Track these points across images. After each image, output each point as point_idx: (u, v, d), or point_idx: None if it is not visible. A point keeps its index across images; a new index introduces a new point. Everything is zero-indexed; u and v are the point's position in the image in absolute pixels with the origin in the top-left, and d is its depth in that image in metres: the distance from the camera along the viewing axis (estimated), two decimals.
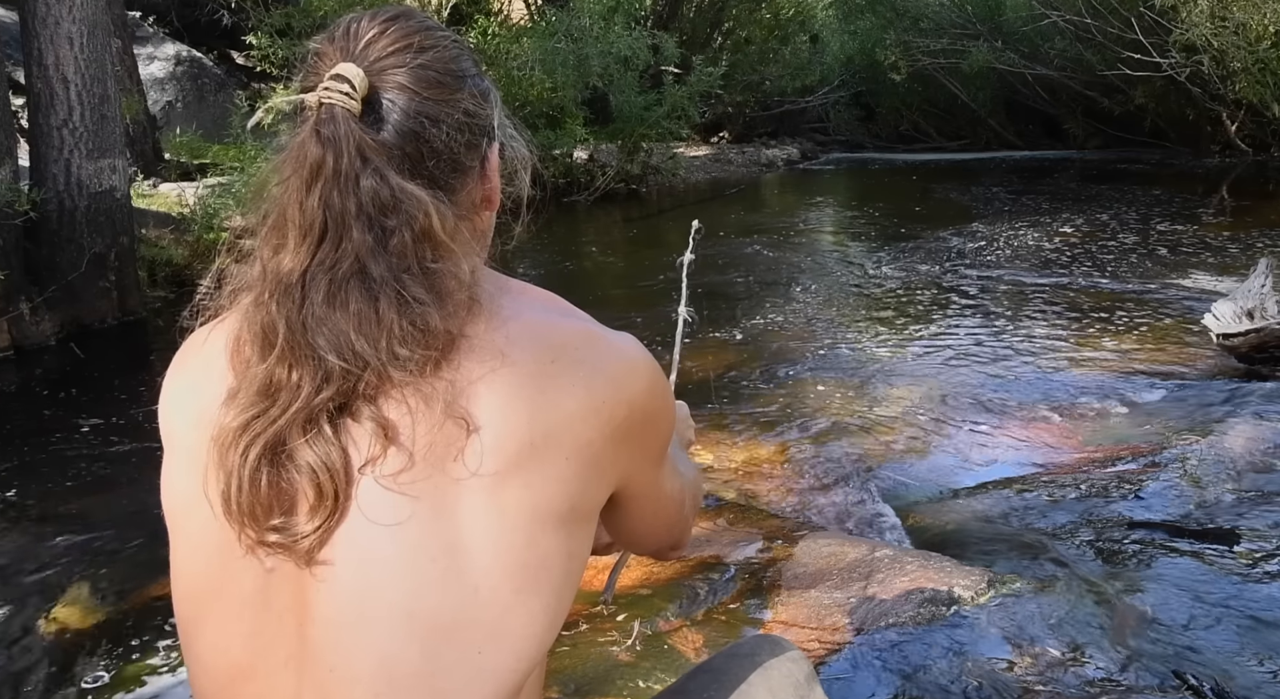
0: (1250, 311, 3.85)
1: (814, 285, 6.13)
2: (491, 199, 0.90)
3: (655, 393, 0.85)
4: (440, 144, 0.81)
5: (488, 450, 0.75)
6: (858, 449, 3.30)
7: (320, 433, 0.74)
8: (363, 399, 0.75)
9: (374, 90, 0.80)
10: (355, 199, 0.76)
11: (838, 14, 16.43)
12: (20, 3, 5.11)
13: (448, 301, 0.77)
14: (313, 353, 0.75)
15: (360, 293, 0.75)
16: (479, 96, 0.86)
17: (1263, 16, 9.62)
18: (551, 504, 0.77)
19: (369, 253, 0.76)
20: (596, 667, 2.00)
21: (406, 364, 0.75)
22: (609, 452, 0.81)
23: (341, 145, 0.77)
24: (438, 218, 0.78)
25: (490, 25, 9.90)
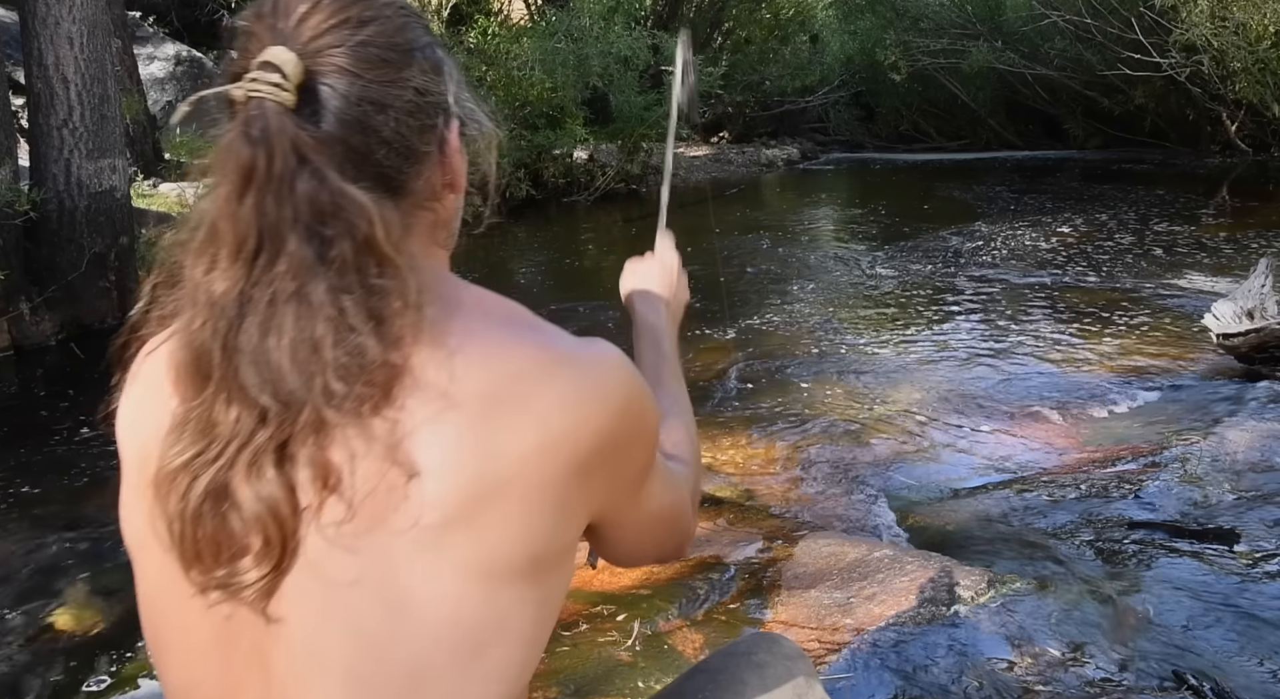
0: (1250, 311, 3.85)
1: (814, 285, 6.13)
2: (454, 182, 0.80)
3: (629, 413, 0.76)
4: (389, 132, 0.72)
5: (431, 502, 0.68)
6: (857, 449, 3.30)
7: (262, 475, 0.68)
8: (303, 439, 0.68)
9: (310, 76, 0.70)
10: (291, 205, 0.68)
11: (838, 14, 16.43)
12: (20, 3, 5.11)
13: (390, 328, 0.69)
14: (242, 387, 0.68)
15: (297, 319, 0.67)
16: (431, 70, 0.76)
17: (1263, 16, 9.62)
18: (509, 557, 0.70)
19: (307, 269, 0.68)
20: (596, 667, 2.00)
21: (342, 403, 0.67)
22: (574, 489, 0.73)
23: (274, 144, 0.68)
24: (381, 226, 0.69)
25: (490, 25, 9.90)
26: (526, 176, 9.23)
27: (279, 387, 0.67)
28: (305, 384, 0.67)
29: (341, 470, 0.68)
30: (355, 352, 0.67)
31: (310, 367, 0.67)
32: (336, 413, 0.67)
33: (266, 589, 0.69)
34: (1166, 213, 8.18)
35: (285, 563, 0.69)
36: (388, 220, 0.70)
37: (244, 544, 0.69)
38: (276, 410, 0.67)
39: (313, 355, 0.67)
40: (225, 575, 0.69)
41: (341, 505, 0.68)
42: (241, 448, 0.68)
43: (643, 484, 0.82)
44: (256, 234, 0.68)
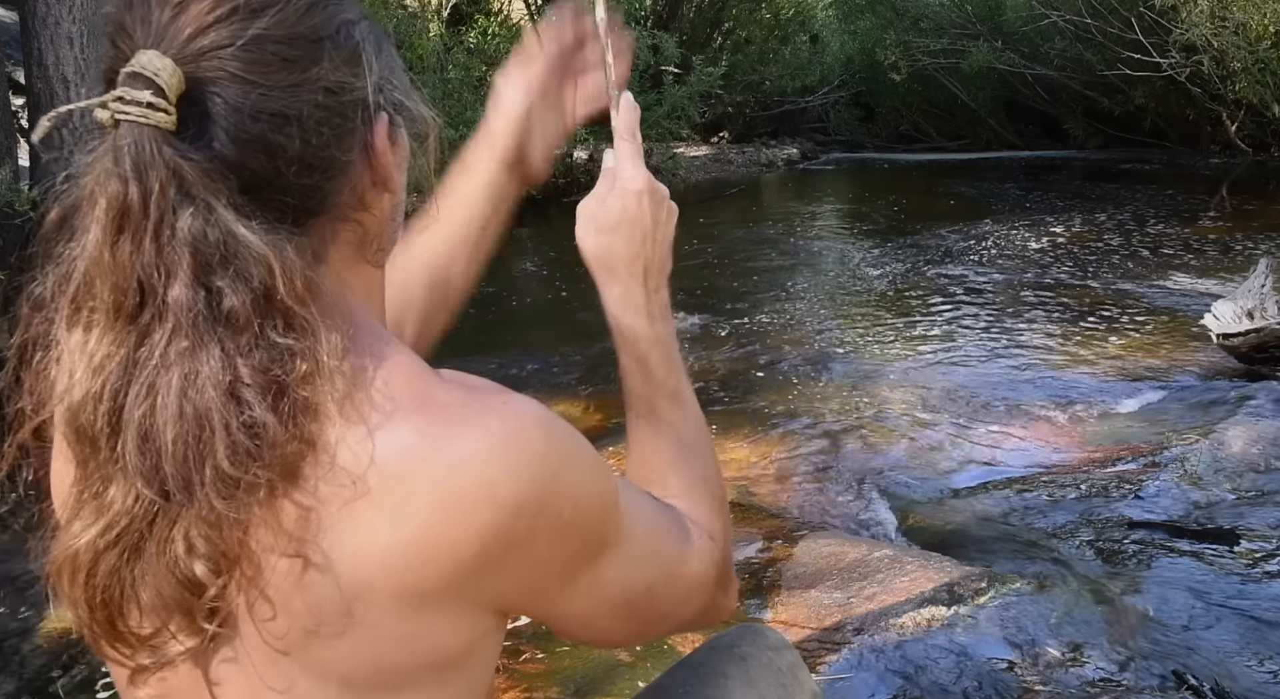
0: (1250, 311, 3.85)
1: (814, 285, 6.13)
2: (385, 183, 0.68)
3: (526, 511, 0.62)
4: (297, 148, 0.61)
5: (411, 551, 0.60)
6: (858, 449, 3.30)
7: (170, 561, 0.59)
8: (203, 527, 0.59)
9: (194, 85, 0.58)
10: (173, 251, 0.57)
11: (838, 14, 16.42)
12: (20, 3, 5.12)
13: (294, 398, 0.59)
14: (130, 468, 0.59)
15: (182, 389, 0.57)
16: (345, 62, 0.64)
17: (1263, 16, 9.62)
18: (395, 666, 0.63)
19: (196, 327, 0.57)
20: (596, 667, 2.00)
21: (233, 493, 0.58)
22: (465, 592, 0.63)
23: (148, 178, 0.56)
24: (281, 273, 0.58)
25: (490, 25, 9.90)
26: None
27: (164, 471, 0.58)
28: (192, 468, 0.58)
29: (260, 562, 0.60)
30: (250, 429, 0.58)
31: (198, 447, 0.58)
32: (227, 504, 0.58)
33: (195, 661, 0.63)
34: (1166, 213, 8.18)
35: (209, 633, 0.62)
36: (290, 266, 0.59)
37: (161, 622, 0.61)
38: (162, 501, 0.58)
39: (199, 435, 0.57)
40: (147, 656, 0.63)
41: (265, 604, 0.60)
42: (144, 530, 0.60)
43: (575, 576, 0.68)
44: (137, 286, 0.57)
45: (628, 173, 0.87)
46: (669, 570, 0.75)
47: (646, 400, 0.85)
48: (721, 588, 0.81)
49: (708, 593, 0.79)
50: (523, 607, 0.69)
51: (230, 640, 0.63)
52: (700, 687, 0.96)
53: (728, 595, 0.82)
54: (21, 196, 4.78)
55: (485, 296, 5.90)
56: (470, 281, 1.07)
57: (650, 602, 0.74)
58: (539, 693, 1.93)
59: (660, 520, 0.77)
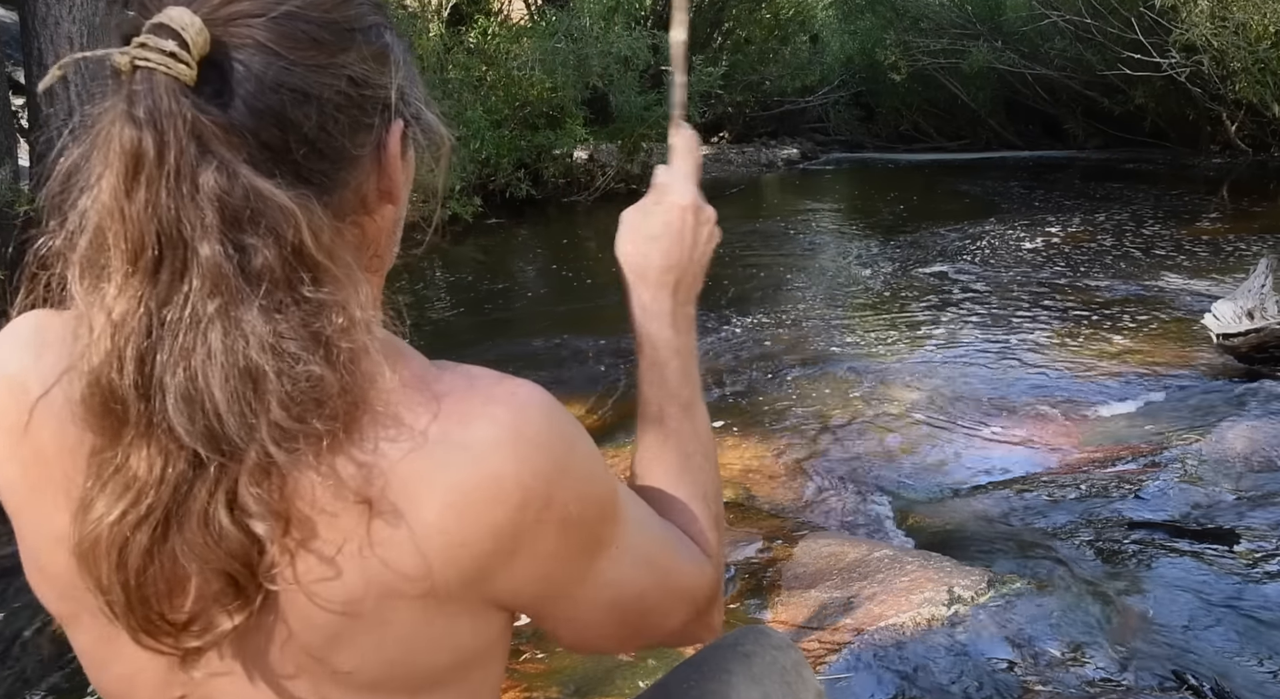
0: (1250, 311, 3.85)
1: (814, 285, 6.13)
2: (391, 193, 0.67)
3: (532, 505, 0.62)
4: (312, 129, 0.60)
5: (432, 551, 0.60)
6: (858, 449, 3.30)
7: (213, 526, 0.57)
8: (253, 484, 0.57)
9: (218, 48, 0.57)
10: (195, 206, 0.55)
11: (838, 14, 16.43)
12: (20, 3, 5.12)
13: (337, 349, 0.58)
14: (171, 432, 0.56)
15: (227, 347, 0.55)
16: (374, 58, 0.64)
17: (1263, 16, 9.62)
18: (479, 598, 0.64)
19: (227, 285, 0.56)
20: (596, 667, 2.00)
21: (294, 444, 0.56)
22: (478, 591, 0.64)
23: (165, 127, 0.55)
24: (309, 230, 0.57)
25: (490, 25, 9.89)
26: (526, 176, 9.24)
27: (216, 429, 0.56)
28: (247, 424, 0.56)
29: (314, 521, 0.58)
30: (306, 381, 0.56)
31: (251, 402, 0.56)
32: (289, 456, 0.56)
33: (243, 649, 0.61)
34: (1166, 213, 8.18)
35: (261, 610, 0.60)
36: (317, 225, 0.58)
37: (204, 600, 0.59)
38: (215, 457, 0.56)
39: (253, 390, 0.56)
40: (196, 638, 0.60)
41: (323, 564, 0.59)
42: (179, 500, 0.57)
43: (576, 574, 0.68)
44: (155, 238, 0.56)
45: (678, 189, 0.89)
46: (661, 579, 0.75)
47: (657, 407, 0.86)
48: (710, 605, 0.80)
49: (696, 608, 0.78)
50: (525, 604, 0.68)
51: (270, 620, 0.61)
52: (704, 683, 0.96)
53: (714, 615, 0.81)
54: (21, 196, 4.78)
55: (484, 295, 5.90)
56: None
57: (640, 608, 0.74)
58: (539, 693, 1.93)
59: (655, 528, 0.76)
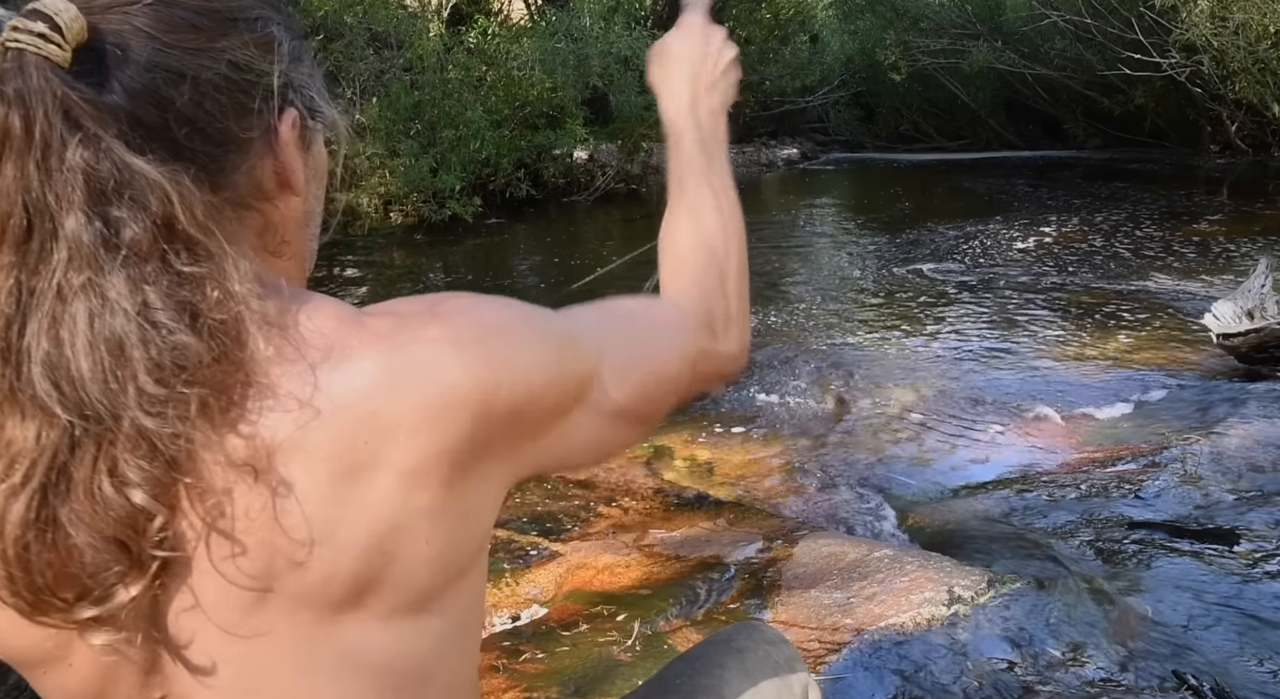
0: (1250, 311, 3.85)
1: (814, 285, 6.13)
2: (289, 182, 0.67)
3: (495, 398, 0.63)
4: (188, 106, 0.61)
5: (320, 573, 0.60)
6: (858, 449, 3.30)
7: (97, 495, 0.57)
8: (132, 457, 0.57)
9: (95, 34, 0.59)
10: (62, 179, 0.56)
11: (838, 14, 16.45)
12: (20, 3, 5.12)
13: (205, 322, 0.58)
14: (39, 400, 0.56)
15: (90, 316, 0.56)
16: (256, 46, 0.65)
17: (1263, 16, 9.62)
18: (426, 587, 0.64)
19: (93, 256, 0.57)
20: (596, 667, 2.00)
21: (161, 409, 0.56)
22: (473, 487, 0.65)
23: (33, 104, 0.56)
24: (180, 203, 0.58)
25: (490, 25, 9.90)
26: (526, 176, 9.24)
27: (83, 398, 0.56)
28: (111, 392, 0.56)
29: (209, 496, 0.58)
30: (173, 349, 0.57)
31: (117, 371, 0.56)
32: (158, 422, 0.56)
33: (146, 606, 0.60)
34: (1166, 213, 8.18)
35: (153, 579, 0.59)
36: (188, 196, 0.59)
37: (94, 568, 0.58)
38: (86, 423, 0.56)
39: (118, 358, 0.56)
40: (90, 607, 0.58)
41: (226, 541, 0.58)
42: (59, 467, 0.57)
43: (566, 419, 0.70)
44: (23, 211, 0.57)
45: (690, 18, 0.97)
46: (654, 370, 0.77)
47: (678, 178, 0.90)
48: (712, 336, 0.83)
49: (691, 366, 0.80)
50: (532, 467, 0.70)
51: (183, 588, 0.60)
52: (697, 678, 0.97)
53: (720, 342, 0.83)
54: None
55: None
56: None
57: (645, 400, 0.76)
58: (539, 693, 1.93)
59: (634, 326, 0.79)
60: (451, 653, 0.68)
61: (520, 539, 2.63)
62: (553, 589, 2.35)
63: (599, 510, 2.84)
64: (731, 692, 0.96)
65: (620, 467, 3.17)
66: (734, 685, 0.96)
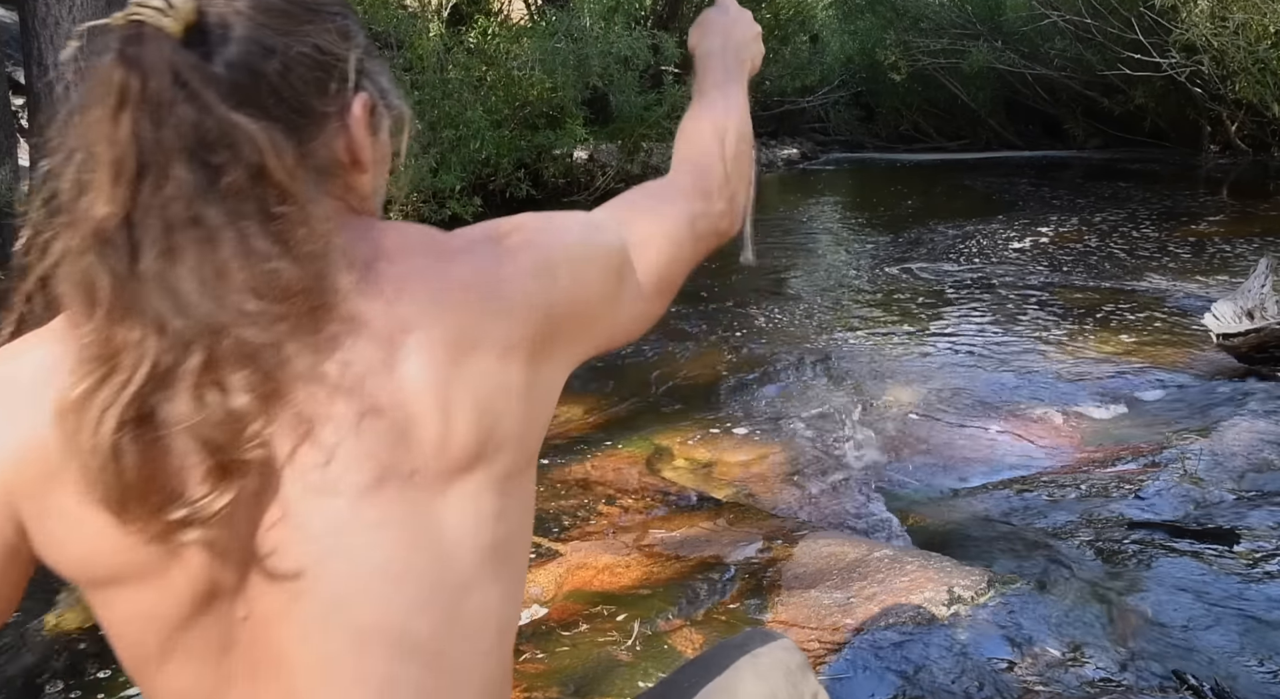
0: (1250, 311, 3.85)
1: (814, 285, 6.13)
2: (359, 159, 0.76)
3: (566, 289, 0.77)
4: (277, 78, 0.69)
5: (432, 446, 0.68)
6: (858, 449, 3.30)
7: (199, 396, 0.63)
8: (233, 366, 0.64)
9: (201, 14, 0.68)
10: (174, 131, 0.64)
11: (838, 14, 16.44)
12: (20, 3, 5.11)
13: (298, 254, 0.66)
14: (154, 314, 0.63)
15: (196, 243, 0.64)
16: (336, 33, 0.74)
17: (1263, 17, 9.62)
18: (513, 468, 0.73)
19: (199, 196, 0.64)
20: (596, 667, 2.00)
21: (260, 321, 0.64)
22: (551, 371, 0.77)
23: (148, 66, 0.64)
24: (274, 154, 0.66)
25: (490, 25, 9.89)
26: (526, 176, 9.24)
27: (190, 311, 0.63)
28: (217, 307, 0.63)
29: (304, 405, 0.65)
30: (269, 275, 0.65)
31: (218, 291, 0.64)
32: (257, 331, 0.64)
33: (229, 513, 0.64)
34: (1166, 213, 8.18)
35: (244, 487, 0.64)
36: (280, 149, 0.67)
37: (184, 473, 0.64)
38: (194, 335, 0.63)
39: (220, 280, 0.64)
40: (179, 510, 0.64)
41: (316, 451, 0.65)
42: (162, 374, 0.63)
43: (609, 312, 0.83)
44: (136, 155, 0.64)
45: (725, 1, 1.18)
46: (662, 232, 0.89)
47: (700, 89, 1.08)
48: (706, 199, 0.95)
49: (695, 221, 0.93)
50: (590, 349, 0.82)
51: (273, 503, 0.66)
52: (712, 678, 1.00)
53: (713, 203, 0.96)
54: (22, 196, 4.78)
55: None
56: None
57: (664, 265, 0.88)
58: (539, 693, 1.93)
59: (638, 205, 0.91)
60: (521, 542, 0.76)
61: None
62: (553, 589, 2.34)
63: (599, 510, 2.84)
64: (746, 692, 0.98)
65: (620, 467, 3.17)
66: (748, 687, 0.99)
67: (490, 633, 0.73)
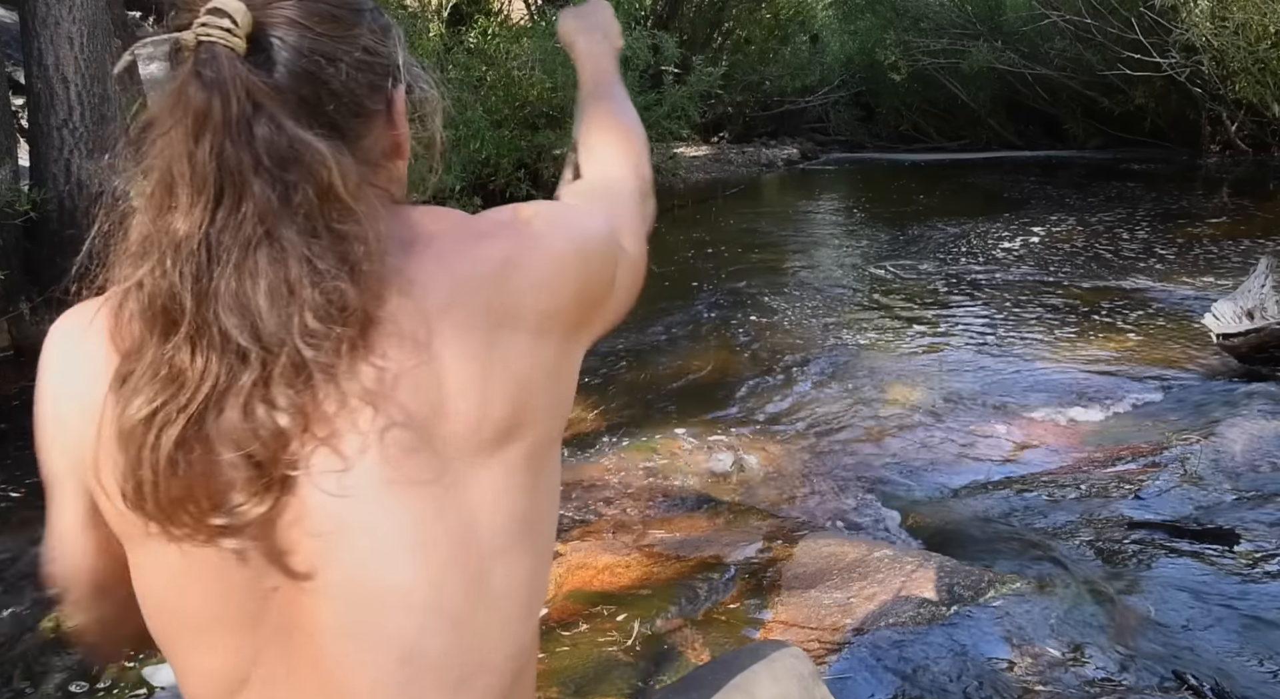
0: (1250, 311, 3.85)
1: (815, 286, 6.13)
2: (400, 147, 0.81)
3: (587, 274, 0.79)
4: (339, 85, 0.73)
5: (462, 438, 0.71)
6: (858, 449, 3.30)
7: (248, 413, 0.67)
8: (284, 384, 0.67)
9: (259, 27, 0.70)
10: (250, 151, 0.67)
11: (838, 14, 16.45)
12: (20, 3, 5.11)
13: (358, 273, 0.69)
14: (222, 331, 0.67)
15: (271, 262, 0.67)
16: (379, 33, 0.78)
17: (1263, 17, 9.62)
18: (539, 447, 0.75)
19: (273, 213, 0.67)
20: (596, 667, 2.00)
21: (321, 344, 0.67)
22: (572, 354, 0.79)
23: (229, 89, 0.67)
24: (339, 173, 0.69)
25: (490, 25, 9.89)
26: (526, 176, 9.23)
27: (259, 328, 0.66)
28: (284, 325, 0.67)
29: (336, 420, 0.68)
30: (333, 294, 0.68)
31: (288, 308, 0.67)
32: (316, 353, 0.67)
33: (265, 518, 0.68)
34: (1166, 213, 8.18)
35: (283, 499, 0.68)
36: (345, 168, 0.70)
37: (227, 484, 0.67)
38: (257, 352, 0.66)
39: (290, 297, 0.67)
40: (220, 518, 0.68)
41: (336, 457, 0.68)
42: (219, 391, 0.67)
43: (611, 297, 0.85)
44: (216, 178, 0.67)
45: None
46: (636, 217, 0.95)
47: (595, 84, 1.17)
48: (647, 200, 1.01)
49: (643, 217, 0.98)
50: (601, 327, 0.85)
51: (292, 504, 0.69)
52: (730, 677, 1.04)
53: (650, 202, 1.02)
54: (22, 197, 4.78)
55: None
56: None
57: (640, 245, 0.92)
58: (539, 693, 1.93)
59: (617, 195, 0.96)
60: (549, 516, 0.78)
61: None
62: (552, 589, 2.34)
63: (599, 510, 2.84)
64: (762, 693, 1.03)
65: (620, 467, 3.17)
66: (764, 689, 1.03)
67: (518, 605, 0.75)
